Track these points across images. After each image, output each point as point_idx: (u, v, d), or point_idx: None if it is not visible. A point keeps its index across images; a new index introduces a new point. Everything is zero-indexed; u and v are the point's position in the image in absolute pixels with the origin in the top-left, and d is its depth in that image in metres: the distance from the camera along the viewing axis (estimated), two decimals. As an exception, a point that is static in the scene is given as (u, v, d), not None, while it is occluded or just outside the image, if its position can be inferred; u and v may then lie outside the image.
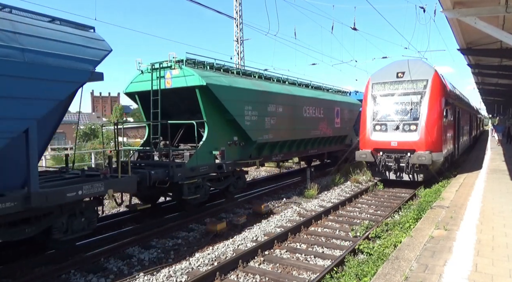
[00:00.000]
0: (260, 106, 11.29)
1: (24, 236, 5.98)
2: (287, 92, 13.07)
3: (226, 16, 9.79)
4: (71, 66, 5.90)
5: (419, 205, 9.06)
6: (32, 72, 5.39)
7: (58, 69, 5.71)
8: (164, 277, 5.89)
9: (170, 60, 9.79)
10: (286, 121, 12.67)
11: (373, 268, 5.32)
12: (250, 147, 11.15)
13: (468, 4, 7.71)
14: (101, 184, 6.48)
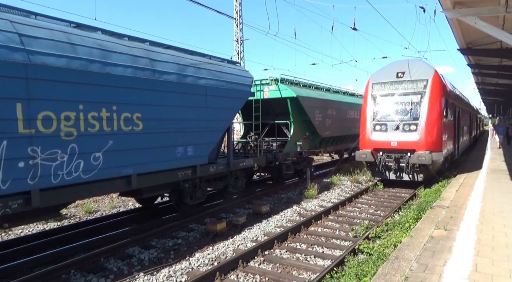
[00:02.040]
0: (323, 110, 15.49)
1: (218, 187, 10.13)
2: (338, 99, 17.44)
3: (226, 16, 9.90)
4: (242, 89, 9.92)
5: (419, 205, 9.06)
6: (230, 93, 9.42)
7: (238, 91, 9.74)
8: (164, 277, 5.89)
9: (268, 79, 13.95)
10: (338, 121, 16.79)
11: (373, 268, 5.32)
12: (316, 140, 15.35)
13: (468, 4, 7.72)
14: (252, 160, 10.96)
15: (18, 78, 5.16)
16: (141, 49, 7.34)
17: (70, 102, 5.83)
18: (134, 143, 6.91)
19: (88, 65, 6.06)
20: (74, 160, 5.92)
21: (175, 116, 7.85)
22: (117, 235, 7.91)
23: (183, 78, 7.95)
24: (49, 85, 5.53)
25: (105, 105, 6.34)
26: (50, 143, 5.58)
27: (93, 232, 8.20)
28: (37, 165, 5.42)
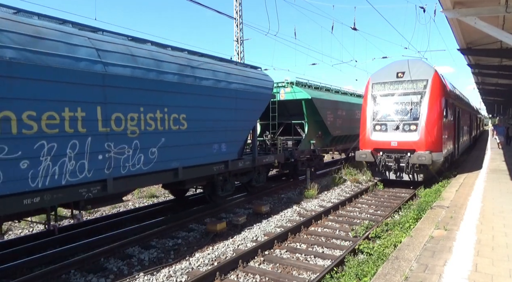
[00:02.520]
0: (334, 111, 16.41)
1: (243, 181, 11.15)
2: (347, 100, 18.34)
3: (226, 16, 9.91)
4: (265, 92, 10.95)
5: (419, 205, 9.05)
6: (255, 96, 10.43)
7: (261, 94, 10.79)
8: (164, 277, 5.89)
9: (284, 82, 14.92)
10: (347, 121, 17.59)
11: (373, 268, 5.32)
12: (327, 139, 16.30)
13: (468, 4, 7.72)
14: (273, 156, 12.04)
15: (98, 86, 6.27)
16: (183, 58, 8.42)
17: (134, 105, 6.93)
18: (180, 140, 8.03)
19: (146, 73, 7.14)
20: (136, 154, 7.05)
21: (212, 117, 8.92)
22: (117, 235, 7.91)
23: (217, 83, 9.05)
24: (119, 91, 6.61)
25: (159, 108, 7.46)
26: (120, 139, 6.71)
27: (93, 232, 8.20)
28: (111, 158, 6.55)
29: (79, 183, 6.06)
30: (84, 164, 6.11)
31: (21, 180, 5.30)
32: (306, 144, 14.62)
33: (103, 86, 6.31)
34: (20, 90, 5.25)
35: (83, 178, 6.10)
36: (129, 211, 10.24)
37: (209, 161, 8.95)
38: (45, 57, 5.53)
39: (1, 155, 5.06)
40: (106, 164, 6.43)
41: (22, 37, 5.39)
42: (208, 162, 8.93)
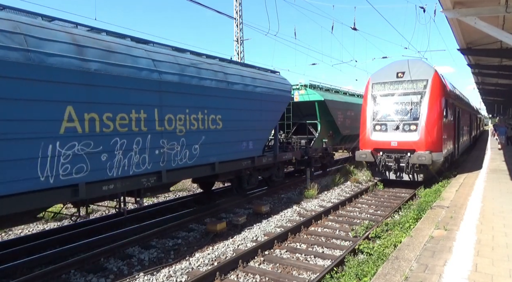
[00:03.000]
0: (344, 112, 17.43)
1: (264, 176, 12.20)
2: (355, 102, 19.11)
3: (226, 16, 9.92)
4: (284, 94, 12.07)
5: (419, 205, 9.05)
6: (276, 98, 11.52)
7: (282, 96, 11.87)
8: (164, 277, 5.89)
9: (298, 84, 16.13)
10: (355, 121, 17.69)
11: (373, 268, 5.32)
12: (337, 138, 17.31)
13: (468, 4, 7.71)
14: (291, 153, 13.14)
15: (155, 91, 7.35)
16: (217, 65, 9.52)
17: (182, 107, 8.04)
18: (217, 138, 9.11)
19: (190, 80, 8.26)
20: (183, 150, 8.12)
21: (242, 117, 10.02)
22: (117, 235, 7.91)
23: (245, 87, 10.15)
24: (170, 95, 7.70)
25: (200, 109, 8.56)
26: (171, 137, 7.79)
27: (93, 232, 8.20)
28: (165, 153, 7.63)
29: (141, 174, 7.18)
30: (145, 157, 7.24)
31: (101, 169, 6.41)
32: (318, 142, 15.73)
33: (159, 92, 7.46)
34: (101, 96, 6.34)
35: (145, 169, 7.22)
36: (129, 211, 10.23)
37: (239, 156, 10.07)
38: (117, 68, 6.62)
39: (88, 149, 6.18)
40: (161, 158, 7.56)
41: (100, 52, 6.44)
42: (238, 158, 10.05)
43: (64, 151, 5.82)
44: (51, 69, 5.60)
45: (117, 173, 6.63)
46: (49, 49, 5.67)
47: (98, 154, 6.30)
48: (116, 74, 6.56)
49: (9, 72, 5.09)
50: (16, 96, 5.20)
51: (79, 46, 6.13)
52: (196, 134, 8.44)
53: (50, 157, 5.62)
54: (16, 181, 5.21)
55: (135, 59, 7.08)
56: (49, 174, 5.62)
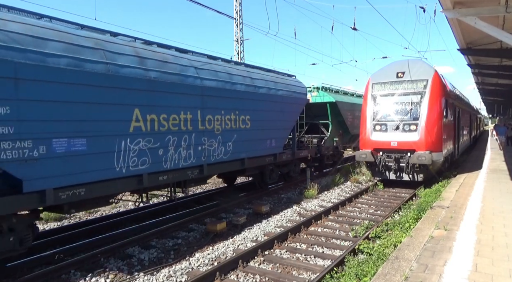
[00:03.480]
0: (353, 112, 18.20)
1: (283, 171, 13.09)
2: (360, 102, 19.56)
3: (226, 16, 9.90)
4: (301, 97, 13.26)
5: (419, 205, 9.05)
6: (295, 101, 12.67)
7: (299, 99, 13.04)
8: (164, 277, 5.89)
9: (311, 87, 16.95)
10: (359, 121, 18.54)
11: (373, 268, 5.32)
12: (346, 137, 18.31)
13: (468, 4, 7.71)
14: (307, 151, 14.24)
15: (198, 95, 8.52)
16: (245, 71, 10.73)
17: (218, 109, 9.16)
18: (246, 136, 10.23)
19: (224, 85, 9.40)
20: (220, 147, 9.26)
21: (266, 117, 11.14)
22: (117, 235, 7.91)
23: (269, 90, 11.37)
24: (210, 99, 8.86)
25: (233, 111, 9.68)
26: (210, 135, 8.93)
27: (93, 232, 8.20)
28: (205, 149, 8.76)
29: (187, 167, 8.33)
30: (191, 153, 8.38)
31: (159, 162, 7.56)
32: (330, 141, 16.73)
33: (201, 96, 8.61)
34: (159, 100, 7.45)
35: (190, 163, 8.36)
36: (129, 211, 10.25)
37: (264, 153, 11.26)
38: (170, 76, 7.77)
39: (150, 145, 7.34)
40: (202, 154, 8.70)
41: (156, 62, 7.60)
42: (263, 154, 11.23)
43: (132, 146, 7.02)
44: (123, 78, 6.75)
45: (170, 166, 7.84)
46: (121, 62, 6.81)
47: (156, 149, 7.53)
48: (169, 81, 7.75)
49: (95, 81, 6.24)
50: (100, 101, 6.36)
51: (141, 58, 7.31)
52: (230, 133, 9.62)
53: (122, 151, 6.81)
54: (101, 170, 6.44)
55: (182, 68, 8.28)
56: (122, 165, 6.82)
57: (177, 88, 7.92)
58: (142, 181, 7.19)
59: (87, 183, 6.23)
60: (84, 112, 6.13)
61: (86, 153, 6.18)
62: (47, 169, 5.65)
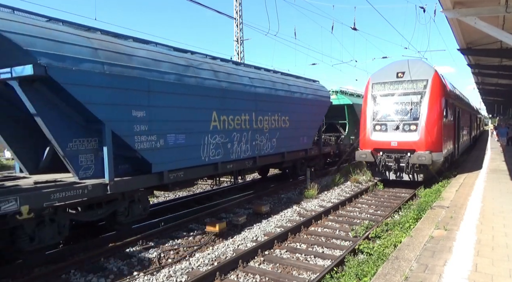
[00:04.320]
0: None
1: (310, 165, 14.88)
2: None
3: (226, 16, 9.92)
4: (325, 100, 15.32)
5: (419, 205, 9.05)
6: (321, 103, 14.78)
7: (324, 101, 15.08)
8: (164, 277, 5.89)
9: (330, 90, 17.87)
10: None
11: (373, 268, 5.32)
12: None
13: (468, 4, 7.71)
14: (329, 147, 16.24)
15: (253, 100, 10.67)
16: (282, 78, 12.94)
17: (267, 111, 11.31)
18: (285, 134, 12.32)
19: (270, 91, 11.58)
20: (267, 142, 11.38)
21: (300, 118, 13.16)
22: (117, 235, 7.90)
23: (301, 94, 13.46)
24: (261, 103, 11.01)
25: (277, 112, 11.83)
26: (261, 133, 11.09)
27: (93, 232, 8.18)
28: (257, 144, 10.92)
29: (245, 158, 10.45)
30: (248, 147, 10.46)
31: (228, 154, 9.69)
32: (347, 139, 18.50)
33: (255, 101, 10.75)
34: (228, 104, 9.56)
35: (248, 155, 10.50)
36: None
37: (298, 148, 13.34)
38: (234, 85, 9.88)
39: (222, 140, 9.41)
40: (255, 148, 10.82)
41: (225, 74, 9.72)
42: (298, 149, 13.30)
43: (211, 140, 9.08)
44: (206, 88, 8.84)
45: (234, 157, 9.97)
46: (203, 75, 8.90)
47: (226, 143, 9.63)
48: (234, 89, 9.86)
49: (189, 91, 8.38)
50: (192, 106, 8.46)
51: (215, 71, 9.40)
52: (274, 131, 11.74)
53: (206, 144, 8.91)
54: (193, 159, 8.62)
55: (241, 78, 10.37)
56: (206, 155, 8.94)
57: (239, 95, 10.09)
58: (217, 168, 9.41)
59: (185, 168, 8.38)
60: (183, 115, 8.24)
61: (185, 145, 8.30)
62: (164, 156, 7.77)
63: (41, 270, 6.11)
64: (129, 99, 6.99)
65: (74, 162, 6.65)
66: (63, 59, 6.01)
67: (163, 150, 7.69)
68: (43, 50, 5.79)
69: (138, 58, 7.32)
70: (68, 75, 6.02)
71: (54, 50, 5.94)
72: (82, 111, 6.51)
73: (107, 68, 6.63)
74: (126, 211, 7.64)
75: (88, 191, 6.39)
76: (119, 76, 6.80)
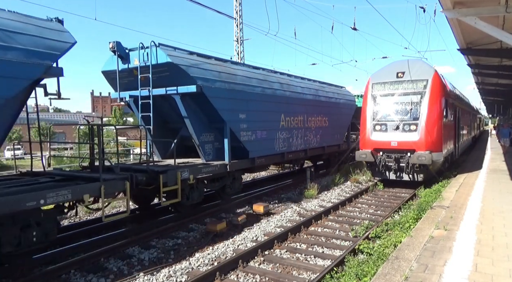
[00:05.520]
0: None
1: (340, 158, 17.38)
2: None
3: (226, 16, 9.95)
4: (351, 103, 19.48)
5: (419, 205, 9.05)
6: (348, 106, 18.51)
7: (350, 104, 19.30)
8: (164, 277, 5.89)
9: None
10: None
11: (373, 268, 5.31)
12: None
13: (468, 4, 7.70)
14: (355, 143, 17.49)
15: (304, 105, 13.79)
16: (320, 86, 15.83)
17: (313, 113, 14.43)
18: (325, 131, 15.31)
19: (315, 97, 14.78)
20: (313, 138, 14.50)
21: (334, 119, 16.05)
22: (117, 235, 7.91)
23: (334, 99, 16.51)
24: (310, 107, 14.20)
25: (319, 114, 14.92)
26: (309, 130, 14.18)
27: (93, 232, 8.20)
28: (307, 140, 13.98)
29: (300, 150, 13.60)
30: (302, 141, 13.61)
31: (290, 146, 12.89)
32: None
33: (305, 105, 13.92)
34: (290, 108, 12.77)
35: (301, 148, 13.66)
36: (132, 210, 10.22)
37: (334, 143, 16.34)
38: (294, 94, 13.18)
39: (287, 135, 12.55)
40: (306, 142, 13.95)
41: (287, 85, 12.98)
42: (333, 144, 16.28)
43: (280, 136, 12.29)
44: (277, 96, 12.12)
45: (293, 149, 13.15)
46: (274, 86, 12.14)
47: (289, 138, 12.76)
48: (293, 97, 13.07)
49: (268, 99, 11.63)
50: (270, 109, 11.68)
51: (280, 83, 12.57)
52: (318, 129, 14.78)
53: (277, 139, 12.09)
54: (270, 149, 11.83)
55: (296, 88, 13.53)
56: (277, 147, 12.14)
57: (297, 101, 13.28)
58: (283, 156, 12.70)
59: (265, 155, 11.58)
60: (265, 117, 11.46)
61: (266, 139, 11.51)
62: (255, 147, 11.03)
63: (41, 270, 6.11)
64: (237, 106, 10.21)
65: (203, 149, 9.94)
66: (208, 80, 9.21)
67: (254, 142, 10.97)
68: (199, 76, 9.00)
69: (239, 77, 10.57)
70: (211, 91, 9.22)
71: (203, 75, 9.17)
72: (210, 115, 9.78)
73: (227, 85, 9.92)
74: (230, 185, 10.62)
75: (217, 168, 9.61)
76: (232, 90, 10.06)
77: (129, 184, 7.05)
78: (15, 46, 5.60)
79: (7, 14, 6.06)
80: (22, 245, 5.79)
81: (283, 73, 13.74)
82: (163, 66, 8.75)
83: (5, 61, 5.42)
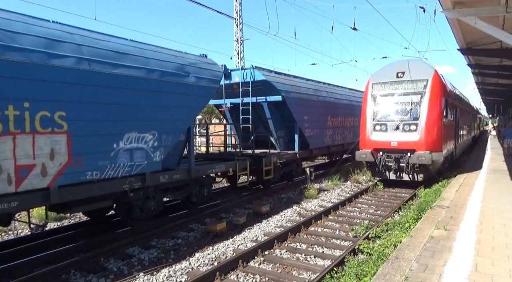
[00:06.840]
0: None
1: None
2: None
3: (226, 16, 9.93)
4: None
5: (419, 205, 9.05)
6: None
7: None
8: (164, 277, 5.89)
9: None
10: None
11: (373, 268, 5.31)
12: None
13: (468, 4, 7.71)
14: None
15: (342, 108, 17.78)
16: (348, 91, 19.22)
17: (347, 115, 18.05)
18: (355, 129, 17.56)
19: (347, 102, 18.37)
20: (348, 134, 18.02)
21: (353, 118, 18.42)
22: (117, 235, 7.91)
23: (357, 102, 18.46)
24: (344, 109, 18.09)
25: (350, 116, 18.32)
26: (344, 129, 17.86)
27: (93, 232, 8.19)
28: (344, 136, 17.90)
29: (339, 144, 17.16)
30: (340, 137, 17.15)
31: (333, 141, 16.58)
32: None
33: (343, 108, 17.41)
34: (334, 111, 16.68)
35: (340, 142, 17.24)
36: None
37: (352, 141, 17.81)
38: (336, 100, 17.07)
39: (332, 133, 16.30)
40: (343, 138, 17.38)
41: (330, 93, 16.57)
42: (352, 141, 17.77)
43: (327, 133, 15.68)
44: (325, 102, 15.74)
45: (336, 143, 16.63)
46: (323, 94, 15.73)
47: (333, 135, 16.18)
48: (335, 102, 16.62)
49: (317, 104, 14.97)
50: (321, 112, 15.24)
51: (326, 91, 15.98)
52: (350, 127, 18.10)
53: (325, 135, 15.50)
54: (321, 142, 15.26)
55: (335, 94, 17.04)
56: (325, 141, 15.63)
57: (337, 105, 16.70)
58: (329, 149, 16.06)
59: (317, 147, 14.96)
60: (318, 117, 14.78)
61: (318, 135, 14.89)
62: (312, 140, 14.38)
63: (41, 270, 6.11)
64: (303, 110, 13.59)
65: (278, 142, 13.37)
66: (287, 92, 12.54)
67: (312, 137, 14.38)
68: (282, 89, 12.29)
69: (303, 88, 14.04)
70: (289, 100, 12.57)
71: (284, 88, 12.49)
72: (284, 117, 13.18)
73: (298, 95, 13.33)
74: (295, 170, 14.06)
75: (291, 156, 13.16)
76: (300, 99, 13.48)
77: (248, 162, 10.92)
78: (203, 77, 9.03)
79: (193, 57, 9.34)
80: (201, 197, 9.69)
81: (325, 83, 17.02)
82: (259, 82, 12.17)
83: (201, 86, 8.93)
